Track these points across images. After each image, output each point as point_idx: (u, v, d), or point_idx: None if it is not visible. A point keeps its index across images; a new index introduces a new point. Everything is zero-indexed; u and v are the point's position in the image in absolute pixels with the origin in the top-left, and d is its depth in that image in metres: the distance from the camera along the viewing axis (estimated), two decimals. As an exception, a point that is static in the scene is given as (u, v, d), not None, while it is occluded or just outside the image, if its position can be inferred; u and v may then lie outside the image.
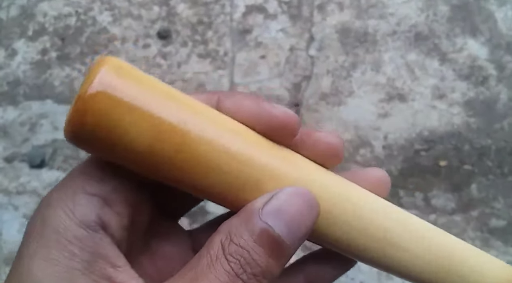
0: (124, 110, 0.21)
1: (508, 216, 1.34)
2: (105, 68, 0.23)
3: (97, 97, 0.21)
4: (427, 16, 1.57)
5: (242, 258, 0.20)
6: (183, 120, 0.23)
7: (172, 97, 0.24)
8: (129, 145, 0.22)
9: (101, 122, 0.22)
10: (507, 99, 1.45)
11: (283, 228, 0.21)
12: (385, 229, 0.26)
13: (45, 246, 0.21)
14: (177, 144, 0.22)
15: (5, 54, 1.58)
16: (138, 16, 1.62)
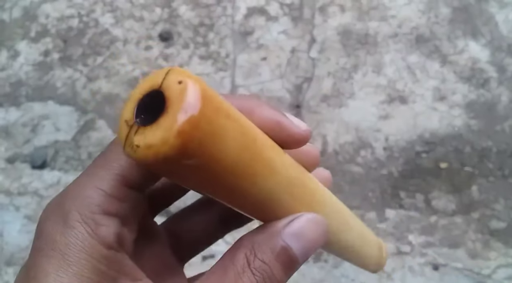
0: (213, 139, 0.20)
1: (508, 218, 1.34)
2: (193, 81, 0.21)
3: (199, 119, 0.19)
4: (428, 18, 1.58)
5: (264, 272, 0.23)
6: (257, 144, 0.23)
7: (242, 124, 0.23)
8: (206, 174, 0.21)
9: (193, 151, 0.20)
10: (508, 101, 1.46)
11: (300, 249, 0.24)
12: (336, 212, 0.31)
13: (72, 264, 0.21)
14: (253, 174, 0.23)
15: (8, 55, 1.59)
16: (140, 18, 1.63)
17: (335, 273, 1.31)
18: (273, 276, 0.23)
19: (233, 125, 0.21)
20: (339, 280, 1.30)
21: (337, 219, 0.29)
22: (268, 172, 0.23)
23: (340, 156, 1.41)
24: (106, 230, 0.22)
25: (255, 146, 0.23)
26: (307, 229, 0.24)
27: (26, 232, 1.36)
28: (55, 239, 0.22)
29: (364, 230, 0.35)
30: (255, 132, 0.24)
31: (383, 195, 1.37)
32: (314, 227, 0.25)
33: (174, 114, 0.19)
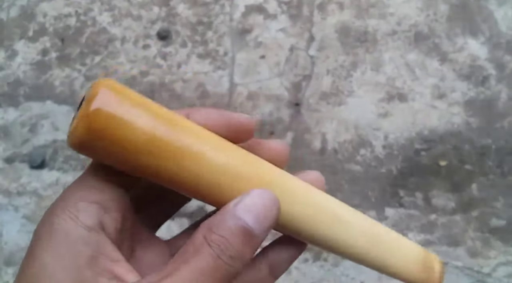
0: (117, 124, 0.26)
1: (508, 216, 1.34)
2: (103, 89, 0.27)
3: (97, 114, 0.26)
4: (427, 15, 1.58)
5: (222, 244, 0.25)
6: (171, 132, 0.28)
7: (157, 113, 0.29)
8: (124, 153, 0.27)
9: (99, 134, 0.26)
10: (507, 99, 1.46)
11: (253, 220, 0.26)
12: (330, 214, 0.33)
13: (55, 245, 0.25)
14: (162, 152, 0.28)
15: (6, 55, 1.59)
16: (138, 16, 1.63)
17: (335, 271, 1.31)
18: (231, 247, 0.25)
19: (142, 113, 0.27)
20: (339, 279, 1.31)
21: (296, 203, 0.31)
22: (191, 157, 0.28)
23: (339, 154, 1.41)
24: (86, 215, 0.26)
25: (172, 132, 0.28)
26: (256, 201, 0.27)
27: (26, 232, 1.37)
28: (44, 227, 0.27)
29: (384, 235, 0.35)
30: (175, 120, 0.29)
31: (383, 193, 1.37)
32: (263, 198, 0.27)
33: (82, 108, 0.26)
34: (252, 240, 0.26)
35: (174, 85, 1.52)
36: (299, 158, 1.41)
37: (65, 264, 0.25)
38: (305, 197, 0.32)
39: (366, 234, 0.33)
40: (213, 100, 1.49)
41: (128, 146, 0.26)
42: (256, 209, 0.27)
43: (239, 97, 1.49)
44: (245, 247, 0.26)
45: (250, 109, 1.47)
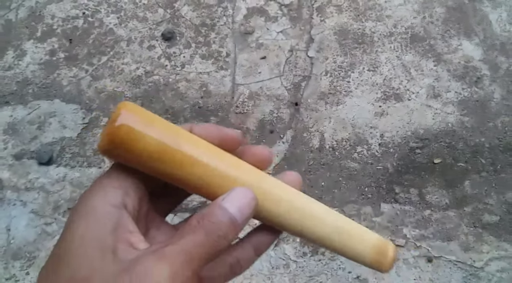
0: (134, 137, 0.35)
1: (501, 211, 1.36)
2: (124, 110, 0.35)
3: (121, 128, 0.35)
4: (423, 18, 1.60)
5: (211, 226, 0.33)
6: (176, 143, 0.37)
7: (166, 128, 0.37)
8: (141, 158, 0.36)
9: (120, 145, 0.35)
10: (500, 98, 1.48)
11: (235, 209, 0.34)
12: (298, 208, 0.40)
13: (86, 217, 0.33)
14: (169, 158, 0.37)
15: (14, 55, 1.61)
16: (143, 18, 1.66)
17: (332, 265, 1.33)
18: (219, 229, 0.33)
19: (154, 129, 0.36)
20: (336, 273, 1.32)
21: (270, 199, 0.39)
22: (191, 162, 0.37)
23: (337, 152, 1.43)
24: (111, 196, 0.34)
25: (178, 143, 0.37)
26: (238, 196, 0.35)
27: (33, 226, 1.39)
28: (79, 205, 0.34)
29: (346, 225, 0.42)
30: (180, 133, 0.38)
31: (379, 190, 1.39)
32: (244, 194, 0.36)
33: (108, 125, 0.35)
34: (234, 225, 0.34)
35: (178, 84, 1.54)
36: (298, 156, 1.43)
37: (93, 232, 0.32)
38: (278, 195, 0.40)
39: (330, 226, 0.41)
40: (215, 100, 1.51)
41: (142, 153, 0.35)
42: (238, 203, 0.35)
43: (241, 96, 1.52)
44: (229, 230, 0.34)
45: (251, 108, 1.50)
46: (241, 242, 0.41)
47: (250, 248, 0.41)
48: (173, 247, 0.32)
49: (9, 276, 1.35)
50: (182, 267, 0.31)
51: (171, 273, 0.31)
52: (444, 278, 1.31)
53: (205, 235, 0.33)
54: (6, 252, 1.37)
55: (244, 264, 0.41)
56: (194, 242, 0.33)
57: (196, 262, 0.32)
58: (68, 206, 1.41)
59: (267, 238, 0.42)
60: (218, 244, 0.33)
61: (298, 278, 1.32)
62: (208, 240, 0.33)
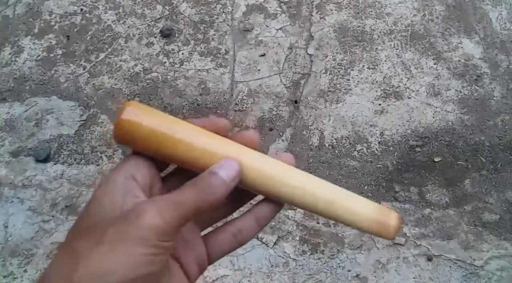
0: (139, 127, 0.43)
1: (501, 210, 1.36)
2: (129, 106, 0.43)
3: (126, 121, 0.43)
4: (423, 15, 1.60)
5: (202, 184, 0.41)
6: (171, 131, 0.44)
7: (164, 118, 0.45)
8: (144, 143, 0.43)
9: (128, 133, 0.43)
10: (500, 97, 1.48)
11: (224, 173, 0.42)
12: (285, 177, 0.45)
13: (105, 186, 0.41)
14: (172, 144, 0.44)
15: (12, 51, 1.60)
16: (141, 14, 1.65)
17: (332, 264, 1.33)
18: (210, 187, 0.40)
19: (149, 123, 0.43)
20: (335, 271, 1.32)
21: (256, 169, 0.45)
22: (188, 144, 0.44)
23: (336, 150, 1.43)
24: (125, 170, 0.42)
25: (173, 129, 0.44)
26: (225, 163, 0.43)
27: (31, 224, 1.39)
28: (106, 177, 0.43)
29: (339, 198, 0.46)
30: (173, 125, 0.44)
31: (379, 188, 1.39)
32: (229, 163, 0.43)
33: (116, 118, 0.42)
34: (222, 183, 0.41)
35: (176, 82, 1.54)
36: (298, 154, 1.43)
37: (107, 195, 0.40)
38: (264, 167, 0.45)
39: (323, 198, 0.45)
40: (214, 97, 1.51)
41: (145, 140, 0.43)
42: (225, 169, 0.42)
43: (240, 94, 1.51)
44: (218, 188, 0.41)
45: (250, 105, 1.49)
46: (244, 214, 0.47)
47: (252, 218, 0.47)
48: (163, 196, 0.40)
49: (7, 273, 1.35)
50: (167, 209, 0.38)
51: (156, 211, 0.38)
52: (444, 276, 1.31)
53: (195, 189, 0.40)
54: (4, 249, 1.37)
55: (247, 233, 0.47)
56: (183, 194, 0.40)
57: (181, 208, 0.39)
58: (66, 203, 1.40)
59: (268, 210, 0.47)
60: (206, 198, 0.40)
61: (298, 276, 1.33)
62: (197, 193, 0.40)
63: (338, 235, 1.35)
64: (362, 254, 1.34)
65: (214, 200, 0.41)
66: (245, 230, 0.46)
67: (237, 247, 0.48)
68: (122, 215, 0.38)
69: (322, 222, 1.36)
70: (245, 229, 0.46)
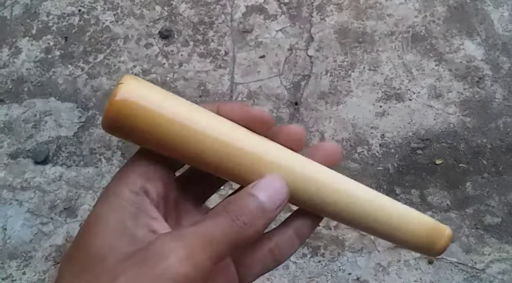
0: (140, 112, 0.32)
1: (502, 213, 1.36)
2: (128, 82, 0.33)
3: (121, 102, 0.32)
4: (424, 17, 1.59)
5: (237, 212, 0.32)
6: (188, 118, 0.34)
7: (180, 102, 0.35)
8: (143, 134, 0.33)
9: (125, 119, 0.32)
10: (502, 99, 1.48)
11: (264, 197, 0.32)
12: (334, 190, 0.37)
13: (108, 202, 0.33)
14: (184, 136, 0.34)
15: (9, 52, 1.60)
16: (140, 15, 1.64)
17: (332, 267, 1.33)
18: (245, 215, 0.32)
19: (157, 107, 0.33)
20: (336, 274, 1.32)
21: (303, 182, 0.36)
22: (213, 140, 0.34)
23: (337, 152, 1.42)
24: (133, 182, 0.33)
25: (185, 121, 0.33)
26: (269, 183, 0.33)
27: (29, 226, 1.38)
28: (104, 192, 0.34)
29: (389, 212, 0.38)
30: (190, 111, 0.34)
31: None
32: (275, 182, 0.34)
33: (109, 98, 0.32)
34: (263, 213, 0.32)
35: (175, 83, 1.53)
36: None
37: (114, 216, 0.32)
38: (314, 178, 0.37)
39: (370, 211, 0.38)
40: (213, 99, 1.50)
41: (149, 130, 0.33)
42: (268, 190, 0.33)
43: (240, 96, 1.51)
44: (257, 218, 0.32)
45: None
46: (281, 225, 0.39)
47: (291, 231, 0.38)
48: (192, 229, 0.31)
49: (6, 275, 1.35)
50: (199, 250, 0.30)
51: (185, 253, 0.29)
52: (445, 280, 1.31)
53: (229, 220, 0.31)
54: (2, 251, 1.36)
55: (285, 249, 0.38)
56: (216, 226, 0.31)
57: (215, 247, 0.30)
58: (65, 205, 1.40)
59: (309, 220, 0.39)
60: (243, 231, 0.31)
61: (298, 279, 1.32)
62: (232, 226, 0.31)
63: (338, 238, 1.35)
64: (363, 257, 1.33)
65: (253, 233, 0.32)
66: (284, 245, 0.38)
67: (272, 268, 0.39)
68: (137, 254, 0.30)
69: (322, 225, 1.36)
70: (284, 244, 0.38)
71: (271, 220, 0.33)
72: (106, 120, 0.33)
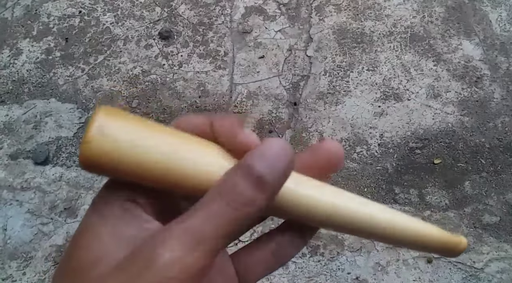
0: (111, 147, 0.29)
1: (501, 212, 1.36)
2: (98, 119, 0.30)
3: (93, 142, 0.29)
4: (422, 17, 1.60)
5: (232, 193, 0.26)
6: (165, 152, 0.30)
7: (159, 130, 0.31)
8: (121, 171, 0.30)
9: (98, 158, 0.29)
10: (500, 98, 1.48)
11: (263, 168, 0.26)
12: (352, 217, 0.32)
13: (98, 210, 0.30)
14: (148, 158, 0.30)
15: (10, 54, 1.60)
16: (140, 16, 1.65)
17: (332, 266, 1.33)
18: (241, 193, 0.26)
19: (127, 135, 0.30)
20: (335, 274, 1.32)
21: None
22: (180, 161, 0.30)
23: (336, 152, 1.43)
24: (120, 188, 0.30)
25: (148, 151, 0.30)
26: (268, 148, 0.27)
27: (29, 226, 1.38)
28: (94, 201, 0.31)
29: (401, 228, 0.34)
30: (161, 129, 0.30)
31: (378, 190, 1.38)
32: (275, 146, 0.27)
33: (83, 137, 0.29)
34: (263, 186, 0.26)
35: (175, 84, 1.53)
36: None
37: (103, 224, 0.29)
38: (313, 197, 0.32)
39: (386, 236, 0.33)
40: (213, 99, 1.51)
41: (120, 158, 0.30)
42: (267, 157, 0.27)
43: (239, 96, 1.51)
44: (257, 192, 0.26)
45: (250, 108, 1.49)
46: (283, 224, 0.34)
47: (294, 232, 0.34)
48: (181, 226, 0.26)
49: (6, 276, 1.35)
50: (188, 250, 0.26)
51: (172, 255, 0.25)
52: (443, 279, 1.31)
53: (223, 206, 0.26)
54: (3, 252, 1.36)
55: (289, 249, 0.34)
56: (207, 219, 0.26)
57: (208, 244, 0.26)
58: (65, 206, 1.40)
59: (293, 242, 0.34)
60: (242, 214, 0.26)
61: (297, 279, 1.32)
62: (227, 212, 0.26)
63: (337, 238, 1.35)
64: (362, 257, 1.33)
65: (255, 210, 0.27)
66: (287, 244, 0.34)
67: (274, 269, 0.34)
68: (125, 261, 0.27)
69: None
70: (286, 244, 0.34)
71: (277, 192, 0.28)
72: (81, 161, 0.30)
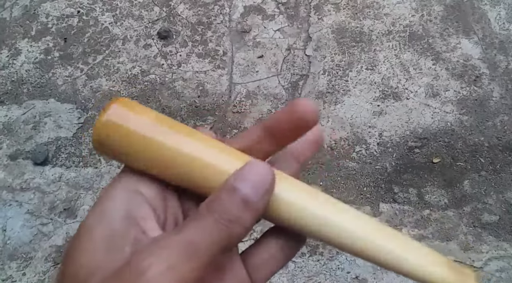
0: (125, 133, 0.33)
1: (500, 211, 1.36)
2: (115, 105, 0.33)
3: (108, 123, 0.32)
4: (421, 16, 1.60)
5: (220, 210, 0.29)
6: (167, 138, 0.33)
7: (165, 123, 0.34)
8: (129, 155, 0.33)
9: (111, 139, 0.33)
10: (499, 97, 1.48)
11: (248, 188, 0.29)
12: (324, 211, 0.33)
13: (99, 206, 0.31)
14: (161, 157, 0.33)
15: (9, 54, 1.60)
16: (139, 16, 1.65)
17: (331, 265, 1.33)
18: (229, 211, 0.29)
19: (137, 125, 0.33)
20: (334, 273, 1.32)
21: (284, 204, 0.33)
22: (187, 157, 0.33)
23: (335, 151, 1.43)
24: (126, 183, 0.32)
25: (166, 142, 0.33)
26: (249, 170, 0.30)
27: (29, 227, 1.38)
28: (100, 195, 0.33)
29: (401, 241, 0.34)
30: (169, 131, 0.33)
31: (377, 189, 1.38)
32: (257, 167, 0.30)
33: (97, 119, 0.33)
34: (249, 206, 0.29)
35: (174, 83, 1.53)
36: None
37: (102, 227, 0.30)
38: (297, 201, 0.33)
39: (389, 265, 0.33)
40: (212, 99, 1.51)
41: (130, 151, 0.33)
42: (251, 178, 0.30)
43: (238, 96, 1.51)
44: (243, 212, 0.29)
45: (249, 107, 1.49)
46: None
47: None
48: (175, 238, 0.28)
49: (6, 277, 1.35)
50: (182, 261, 0.27)
51: (166, 267, 0.27)
52: (443, 278, 1.31)
53: (213, 221, 0.28)
54: (2, 253, 1.36)
55: (296, 243, 0.35)
56: (200, 229, 0.28)
57: (202, 253, 0.28)
58: (64, 206, 1.40)
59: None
60: (230, 231, 0.29)
61: (297, 278, 1.32)
62: (218, 226, 0.28)
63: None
64: (361, 256, 1.33)
65: (241, 230, 0.29)
66: (293, 237, 0.35)
67: (284, 264, 0.35)
68: (119, 271, 0.28)
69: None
70: (293, 237, 0.35)
71: (260, 211, 0.30)
72: (93, 140, 0.33)
